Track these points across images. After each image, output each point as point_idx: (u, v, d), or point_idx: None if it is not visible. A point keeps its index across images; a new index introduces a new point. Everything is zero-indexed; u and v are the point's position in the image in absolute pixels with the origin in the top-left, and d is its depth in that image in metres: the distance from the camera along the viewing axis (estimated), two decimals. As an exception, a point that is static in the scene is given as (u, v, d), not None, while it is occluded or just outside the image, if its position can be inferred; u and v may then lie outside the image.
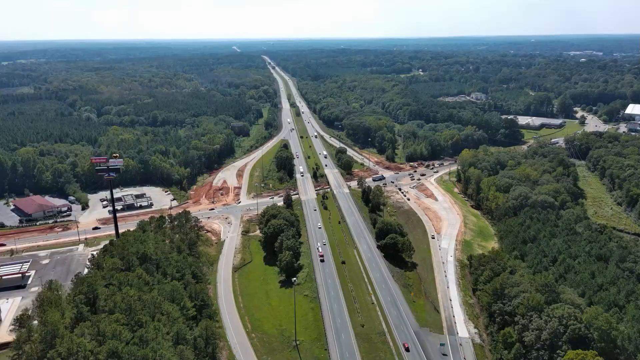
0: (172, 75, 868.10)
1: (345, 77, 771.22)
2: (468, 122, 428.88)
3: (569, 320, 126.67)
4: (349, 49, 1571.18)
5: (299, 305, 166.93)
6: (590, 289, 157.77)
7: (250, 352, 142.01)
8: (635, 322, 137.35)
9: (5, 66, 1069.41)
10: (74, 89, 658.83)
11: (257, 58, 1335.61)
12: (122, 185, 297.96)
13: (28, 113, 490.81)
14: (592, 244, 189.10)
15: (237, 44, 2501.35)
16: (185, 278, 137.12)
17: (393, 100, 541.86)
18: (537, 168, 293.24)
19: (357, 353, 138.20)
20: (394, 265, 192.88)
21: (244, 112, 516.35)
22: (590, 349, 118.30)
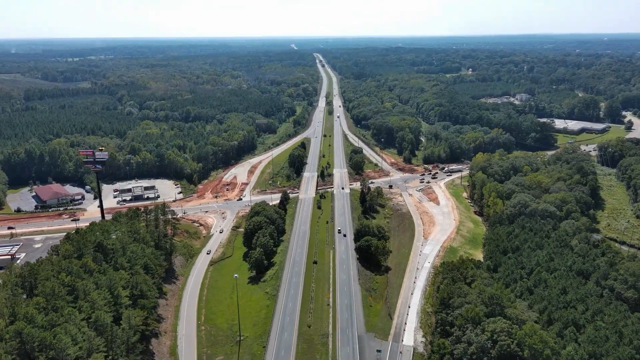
0: (221, 72, 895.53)
1: (388, 76, 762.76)
2: (498, 124, 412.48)
3: (500, 336, 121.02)
4: (403, 47, 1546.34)
5: (257, 302, 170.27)
6: (554, 305, 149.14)
7: (193, 344, 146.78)
8: (588, 344, 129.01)
9: (74, 62, 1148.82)
10: (126, 84, 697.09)
11: (309, 56, 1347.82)
12: (138, 178, 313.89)
13: (77, 106, 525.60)
14: (576, 258, 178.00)
15: (296, 42, 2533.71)
16: (134, 269, 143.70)
17: (427, 100, 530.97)
18: (552, 175, 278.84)
19: (292, 353, 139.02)
20: (366, 268, 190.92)
21: (276, 109, 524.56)
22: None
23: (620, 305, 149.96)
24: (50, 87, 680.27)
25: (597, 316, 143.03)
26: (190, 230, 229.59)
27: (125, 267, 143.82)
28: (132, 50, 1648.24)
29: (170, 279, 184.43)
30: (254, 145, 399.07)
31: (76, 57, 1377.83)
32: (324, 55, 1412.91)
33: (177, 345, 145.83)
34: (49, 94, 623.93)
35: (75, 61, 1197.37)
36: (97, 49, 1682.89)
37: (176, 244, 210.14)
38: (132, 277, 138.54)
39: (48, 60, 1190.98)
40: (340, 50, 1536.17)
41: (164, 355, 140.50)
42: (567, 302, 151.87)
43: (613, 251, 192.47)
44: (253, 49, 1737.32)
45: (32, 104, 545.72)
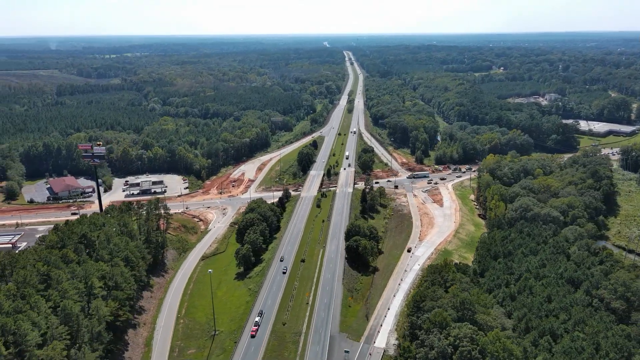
0: (248, 69, 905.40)
1: (414, 75, 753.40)
2: (517, 125, 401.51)
3: (462, 341, 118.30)
4: (435, 45, 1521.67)
5: (238, 297, 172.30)
6: (535, 313, 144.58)
7: (169, 337, 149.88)
8: (561, 355, 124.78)
9: (110, 59, 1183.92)
10: (153, 80, 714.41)
11: (338, 54, 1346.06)
12: (149, 172, 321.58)
13: (103, 102, 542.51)
14: (569, 266, 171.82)
15: (329, 39, 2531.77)
16: (114, 261, 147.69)
17: (448, 99, 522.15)
18: (563, 179, 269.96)
19: (262, 349, 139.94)
20: (353, 268, 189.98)
21: (295, 107, 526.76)
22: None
23: (607, 316, 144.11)
24: (81, 83, 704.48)
25: (578, 326, 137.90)
26: (188, 225, 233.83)
27: (105, 259, 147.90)
28: (167, 47, 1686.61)
29: (160, 272, 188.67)
30: (267, 142, 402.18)
31: (114, 54, 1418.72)
32: (354, 53, 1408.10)
33: (153, 337, 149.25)
34: (80, 89, 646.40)
35: (112, 58, 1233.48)
36: (135, 46, 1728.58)
37: (171, 238, 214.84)
38: (111, 268, 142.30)
39: (85, 57, 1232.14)
40: (371, 48, 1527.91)
41: (138, 346, 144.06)
42: (549, 310, 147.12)
43: (613, 259, 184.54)
44: (284, 46, 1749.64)
45: (62, 100, 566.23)
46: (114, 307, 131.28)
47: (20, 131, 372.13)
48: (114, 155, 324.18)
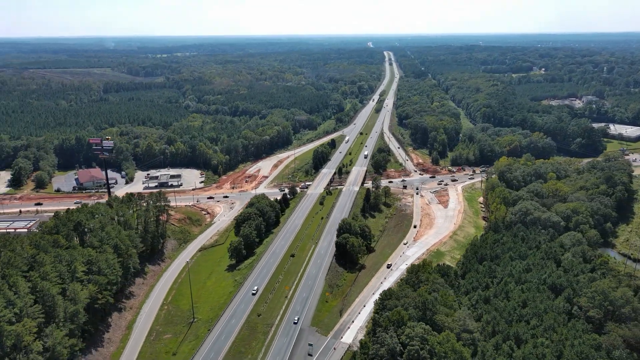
0: (287, 69, 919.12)
1: (448, 76, 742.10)
2: (542, 128, 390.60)
3: (412, 340, 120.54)
4: (478, 45, 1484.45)
5: (224, 288, 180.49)
6: (505, 318, 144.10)
7: (150, 321, 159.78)
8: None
9: (160, 58, 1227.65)
10: (193, 79, 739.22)
11: (379, 54, 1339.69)
12: (171, 166, 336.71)
13: (143, 99, 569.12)
14: (553, 272, 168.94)
15: (374, 39, 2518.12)
16: (102, 247, 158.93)
17: (477, 101, 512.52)
18: (576, 184, 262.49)
19: (232, 338, 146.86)
20: (340, 265, 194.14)
21: (323, 106, 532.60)
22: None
23: (582, 325, 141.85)
24: (127, 81, 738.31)
25: (547, 333, 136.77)
26: (194, 217, 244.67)
27: (95, 245, 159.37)
28: (215, 47, 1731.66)
29: (157, 260, 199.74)
30: (289, 140, 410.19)
31: (165, 53, 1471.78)
32: (396, 53, 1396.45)
33: (136, 321, 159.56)
34: (125, 87, 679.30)
35: (163, 57, 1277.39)
36: (186, 46, 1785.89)
37: (174, 229, 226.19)
38: (97, 255, 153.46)
39: (138, 57, 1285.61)
40: (413, 49, 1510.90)
41: (120, 328, 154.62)
42: (521, 315, 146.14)
43: (606, 268, 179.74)
44: (328, 46, 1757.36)
45: (106, 96, 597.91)
46: (93, 291, 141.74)
47: (59, 125, 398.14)
48: (139, 149, 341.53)
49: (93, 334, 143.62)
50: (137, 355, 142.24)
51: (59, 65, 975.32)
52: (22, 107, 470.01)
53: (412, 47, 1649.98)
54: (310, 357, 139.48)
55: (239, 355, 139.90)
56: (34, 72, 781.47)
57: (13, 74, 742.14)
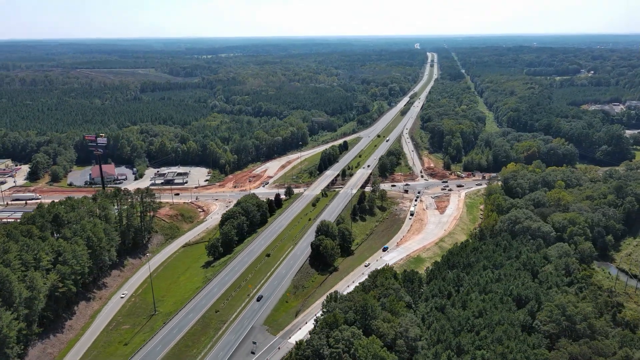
0: (323, 70, 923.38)
1: (485, 78, 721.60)
2: (567, 133, 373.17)
3: (337, 343, 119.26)
4: (528, 47, 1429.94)
5: (193, 283, 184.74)
6: (452, 327, 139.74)
7: (114, 312, 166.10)
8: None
9: (203, 59, 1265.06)
10: (227, 79, 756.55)
11: (422, 55, 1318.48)
12: (182, 164, 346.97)
13: (174, 98, 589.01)
14: (523, 284, 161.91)
15: (423, 40, 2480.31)
16: (74, 239, 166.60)
17: (506, 104, 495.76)
18: (582, 193, 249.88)
19: (183, 332, 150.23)
20: (313, 266, 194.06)
21: (346, 108, 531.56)
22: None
23: (537, 339, 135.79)
24: (163, 81, 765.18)
25: (493, 345, 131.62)
26: (186, 214, 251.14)
27: (68, 236, 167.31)
28: (260, 48, 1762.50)
29: (138, 254, 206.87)
30: (304, 141, 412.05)
31: (211, 54, 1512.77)
32: (440, 54, 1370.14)
33: (101, 311, 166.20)
34: (160, 87, 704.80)
35: (207, 58, 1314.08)
36: (231, 47, 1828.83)
37: (164, 224, 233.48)
38: (66, 245, 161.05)
39: (182, 57, 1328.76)
40: (460, 50, 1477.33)
41: (84, 317, 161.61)
42: (473, 325, 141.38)
43: (587, 282, 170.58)
44: (372, 47, 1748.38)
45: (140, 96, 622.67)
46: (54, 279, 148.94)
47: (86, 122, 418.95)
48: (153, 147, 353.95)
49: (53, 320, 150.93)
50: (92, 343, 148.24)
51: (107, 65, 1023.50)
52: (58, 104, 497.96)
53: (460, 48, 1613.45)
54: (252, 354, 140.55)
55: (185, 348, 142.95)
56: (80, 72, 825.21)
57: (61, 73, 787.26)
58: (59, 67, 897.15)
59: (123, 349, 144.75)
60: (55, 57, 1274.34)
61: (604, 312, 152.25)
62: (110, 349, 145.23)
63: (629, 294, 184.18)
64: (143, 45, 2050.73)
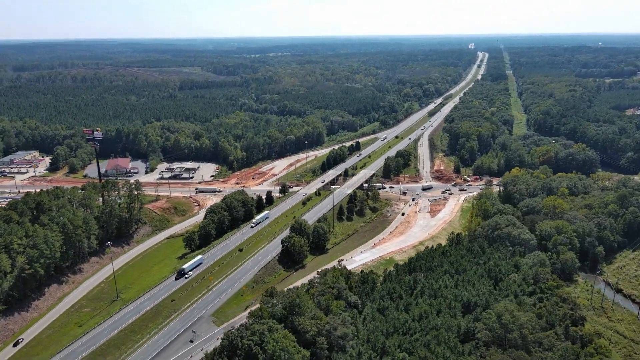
0: (362, 69, 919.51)
1: (527, 79, 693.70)
2: (591, 139, 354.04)
3: (252, 336, 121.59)
4: (587, 47, 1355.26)
5: (163, 273, 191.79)
6: (385, 328, 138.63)
7: (80, 295, 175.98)
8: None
9: (248, 58, 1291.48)
10: (264, 78, 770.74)
11: (471, 55, 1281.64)
12: (195, 159, 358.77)
13: (207, 96, 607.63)
14: (475, 291, 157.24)
15: (479, 40, 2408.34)
16: (49, 225, 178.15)
17: (539, 107, 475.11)
18: (583, 201, 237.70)
19: (135, 317, 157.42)
20: (281, 263, 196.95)
21: (372, 108, 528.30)
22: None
23: (473, 346, 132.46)
24: (202, 79, 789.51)
25: (420, 349, 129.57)
26: (179, 207, 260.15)
27: (44, 223, 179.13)
28: (308, 48, 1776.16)
29: (122, 243, 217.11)
30: (320, 140, 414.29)
31: (259, 54, 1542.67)
32: (491, 54, 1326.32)
33: (70, 294, 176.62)
34: (198, 85, 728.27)
35: (255, 57, 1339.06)
36: (282, 47, 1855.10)
37: (154, 216, 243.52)
38: (38, 231, 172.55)
39: (231, 56, 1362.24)
40: (513, 50, 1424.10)
41: (52, 298, 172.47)
42: (408, 328, 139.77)
43: (550, 293, 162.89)
44: (422, 47, 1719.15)
45: (178, 93, 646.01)
46: (21, 262, 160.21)
47: (114, 117, 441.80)
48: (168, 142, 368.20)
49: (19, 299, 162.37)
50: (50, 323, 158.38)
51: (157, 64, 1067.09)
52: (96, 101, 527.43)
53: (515, 48, 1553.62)
54: (190, 343, 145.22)
55: (131, 333, 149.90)
56: (128, 70, 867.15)
57: (110, 71, 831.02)
58: (110, 65, 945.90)
59: (76, 330, 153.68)
60: (112, 56, 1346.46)
61: (555, 324, 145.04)
62: (65, 329, 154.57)
63: (605, 309, 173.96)
64: (197, 45, 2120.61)
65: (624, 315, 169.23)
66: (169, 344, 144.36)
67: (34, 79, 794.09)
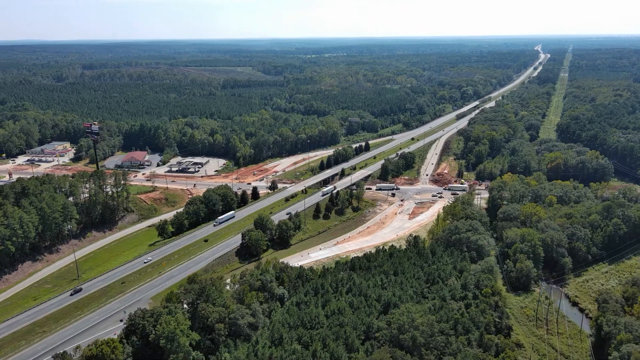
0: (408, 71, 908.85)
1: (574, 82, 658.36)
2: (610, 147, 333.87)
3: (149, 318, 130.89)
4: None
5: (127, 257, 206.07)
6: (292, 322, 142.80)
7: (48, 273, 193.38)
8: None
9: (301, 58, 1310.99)
10: (305, 78, 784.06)
11: (529, 56, 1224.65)
12: (207, 154, 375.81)
13: (243, 95, 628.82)
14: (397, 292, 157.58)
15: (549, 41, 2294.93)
16: (28, 208, 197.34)
17: (573, 112, 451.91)
18: (562, 210, 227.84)
19: (82, 295, 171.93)
20: (238, 255, 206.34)
21: (398, 109, 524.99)
22: None
23: (370, 344, 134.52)
24: (245, 78, 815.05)
25: (315, 342, 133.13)
26: (171, 198, 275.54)
27: (24, 206, 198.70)
28: (365, 48, 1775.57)
29: (104, 228, 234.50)
30: (334, 140, 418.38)
31: (316, 54, 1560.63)
32: (553, 57, 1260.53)
33: (40, 271, 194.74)
34: (240, 84, 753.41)
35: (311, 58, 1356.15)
36: (340, 47, 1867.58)
37: (144, 205, 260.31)
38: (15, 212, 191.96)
39: (285, 57, 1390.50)
40: (578, 52, 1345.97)
41: (23, 273, 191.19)
42: (315, 323, 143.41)
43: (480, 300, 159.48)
44: (482, 48, 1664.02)
45: (217, 92, 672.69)
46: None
47: (146, 113, 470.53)
48: (185, 138, 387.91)
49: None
50: (12, 295, 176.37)
51: (213, 64, 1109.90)
52: (137, 98, 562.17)
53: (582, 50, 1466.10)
54: (120, 322, 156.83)
55: (74, 309, 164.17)
56: (181, 69, 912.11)
57: (164, 70, 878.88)
58: (167, 65, 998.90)
59: (30, 303, 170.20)
60: (177, 56, 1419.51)
61: (472, 331, 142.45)
62: (21, 302, 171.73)
63: (550, 321, 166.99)
64: (262, 46, 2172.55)
65: (565, 329, 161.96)
66: (100, 321, 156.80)
67: (95, 76, 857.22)
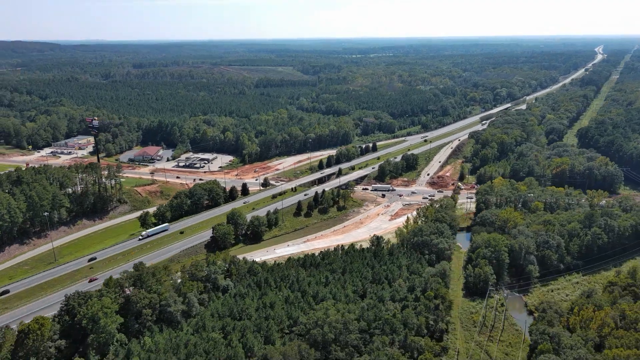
0: (446, 72, 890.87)
1: (619, 85, 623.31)
2: (626, 153, 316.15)
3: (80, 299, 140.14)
4: None
5: (106, 245, 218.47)
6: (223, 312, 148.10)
7: (32, 255, 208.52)
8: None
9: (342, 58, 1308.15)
10: (337, 79, 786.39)
11: (582, 57, 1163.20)
12: (218, 151, 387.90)
13: (271, 95, 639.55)
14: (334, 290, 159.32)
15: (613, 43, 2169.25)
16: (18, 196, 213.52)
17: (603, 115, 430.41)
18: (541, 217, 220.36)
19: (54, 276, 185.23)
20: (207, 247, 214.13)
21: (419, 110, 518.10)
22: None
23: (287, 337, 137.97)
24: (278, 77, 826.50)
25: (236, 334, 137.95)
26: (166, 192, 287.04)
27: (14, 193, 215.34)
28: (412, 49, 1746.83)
29: (95, 217, 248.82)
30: (347, 139, 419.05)
31: (362, 54, 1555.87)
32: (609, 57, 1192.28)
33: (25, 253, 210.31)
34: (273, 83, 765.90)
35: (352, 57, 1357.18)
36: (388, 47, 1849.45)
37: (137, 197, 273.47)
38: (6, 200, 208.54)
39: (328, 56, 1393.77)
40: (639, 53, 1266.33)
41: (8, 255, 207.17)
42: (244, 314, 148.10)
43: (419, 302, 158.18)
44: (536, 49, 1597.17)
45: (247, 90, 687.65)
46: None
47: (170, 110, 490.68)
48: (198, 134, 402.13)
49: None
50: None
51: (255, 63, 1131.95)
52: (168, 95, 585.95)
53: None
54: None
55: (39, 290, 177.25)
56: (221, 68, 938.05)
57: (203, 69, 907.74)
58: (208, 64, 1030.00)
59: (5, 282, 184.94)
60: (224, 55, 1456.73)
61: (398, 331, 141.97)
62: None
63: (496, 328, 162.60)
64: (311, 45, 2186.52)
65: (508, 337, 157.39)
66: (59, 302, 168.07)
67: (140, 75, 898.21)
